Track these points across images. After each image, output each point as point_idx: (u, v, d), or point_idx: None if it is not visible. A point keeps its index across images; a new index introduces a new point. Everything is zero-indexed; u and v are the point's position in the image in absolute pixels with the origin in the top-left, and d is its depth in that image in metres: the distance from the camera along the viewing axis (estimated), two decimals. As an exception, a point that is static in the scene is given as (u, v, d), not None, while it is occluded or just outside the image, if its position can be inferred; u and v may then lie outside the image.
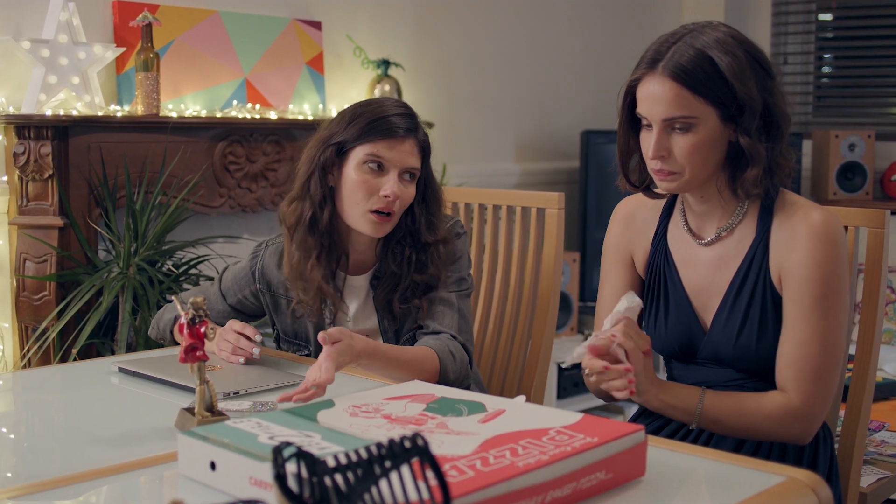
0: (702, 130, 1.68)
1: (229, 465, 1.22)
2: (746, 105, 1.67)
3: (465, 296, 2.06)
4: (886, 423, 2.59)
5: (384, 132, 1.95)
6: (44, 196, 2.94)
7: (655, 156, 1.71)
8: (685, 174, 1.71)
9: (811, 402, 1.69)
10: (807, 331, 1.69)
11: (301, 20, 3.68)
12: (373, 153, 1.95)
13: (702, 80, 1.66)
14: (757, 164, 1.70)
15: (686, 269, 1.84)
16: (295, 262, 2.02)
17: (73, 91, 2.99)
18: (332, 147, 1.98)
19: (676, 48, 1.68)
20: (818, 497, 1.27)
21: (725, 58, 1.66)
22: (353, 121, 1.99)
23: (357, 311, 2.08)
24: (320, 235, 2.00)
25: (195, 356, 1.51)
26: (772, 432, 1.72)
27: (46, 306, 2.88)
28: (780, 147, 1.72)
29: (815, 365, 1.69)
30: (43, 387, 1.97)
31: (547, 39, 4.72)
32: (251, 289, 2.15)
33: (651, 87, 1.70)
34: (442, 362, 1.91)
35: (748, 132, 1.68)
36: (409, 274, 2.00)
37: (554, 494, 1.16)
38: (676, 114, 1.68)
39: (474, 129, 4.43)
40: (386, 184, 1.95)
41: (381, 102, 2.03)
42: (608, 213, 2.02)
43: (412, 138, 1.99)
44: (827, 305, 1.68)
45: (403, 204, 1.99)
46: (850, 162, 4.72)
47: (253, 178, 3.39)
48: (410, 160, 1.98)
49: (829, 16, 5.25)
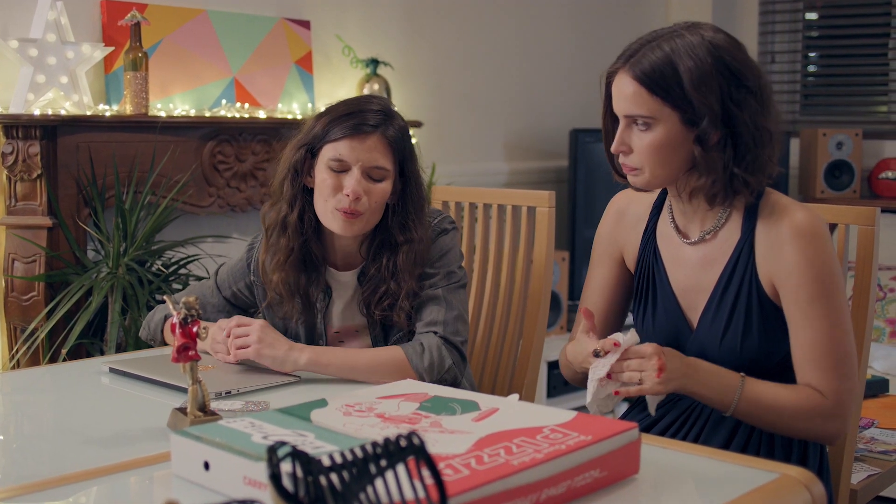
0: (660, 131, 1.70)
1: (223, 464, 1.22)
2: (702, 114, 1.67)
3: (456, 288, 2.03)
4: (876, 420, 2.60)
5: (346, 130, 1.94)
6: (32, 196, 2.93)
7: (616, 150, 1.76)
8: (645, 171, 1.74)
9: (839, 398, 1.69)
10: (815, 331, 1.69)
11: (290, 19, 3.68)
12: (335, 154, 1.94)
13: (660, 83, 1.68)
14: (706, 174, 1.70)
15: (673, 268, 1.84)
16: (270, 261, 2.04)
17: (62, 90, 2.98)
18: (303, 148, 1.99)
19: (648, 48, 1.71)
20: (811, 494, 1.27)
21: (688, 63, 1.67)
22: (320, 119, 1.99)
23: (345, 307, 2.08)
24: (289, 238, 2.00)
25: (187, 356, 1.50)
26: (804, 429, 1.70)
27: (35, 307, 2.87)
28: (747, 162, 1.70)
29: (834, 360, 1.69)
30: (32, 388, 1.96)
31: (536, 39, 4.72)
32: (245, 281, 2.15)
33: (618, 83, 1.74)
34: (407, 354, 1.91)
35: (701, 141, 1.69)
36: (388, 280, 1.99)
37: (549, 492, 1.16)
38: (635, 112, 1.71)
39: (463, 129, 4.43)
40: (348, 182, 1.93)
41: (353, 101, 2.01)
42: (597, 212, 2.02)
43: (376, 135, 1.94)
44: (826, 301, 1.69)
45: (372, 204, 1.95)
46: (837, 160, 4.74)
47: (242, 178, 3.38)
48: (374, 158, 1.94)
49: (815, 15, 5.27)
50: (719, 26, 1.77)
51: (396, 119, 2.00)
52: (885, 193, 4.74)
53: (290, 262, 2.01)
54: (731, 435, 1.77)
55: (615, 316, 1.96)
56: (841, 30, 5.21)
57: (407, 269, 1.98)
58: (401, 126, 2.00)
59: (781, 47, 5.31)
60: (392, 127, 1.97)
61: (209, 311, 2.16)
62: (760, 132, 1.70)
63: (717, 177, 1.70)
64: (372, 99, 2.03)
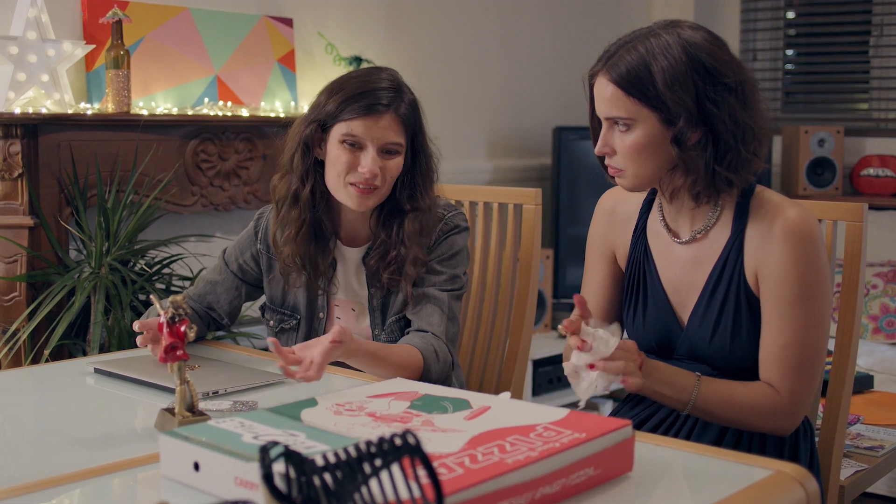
0: (640, 131, 1.70)
1: (214, 465, 1.20)
2: (677, 114, 1.67)
3: (457, 297, 2.05)
4: (862, 416, 2.60)
5: (360, 110, 1.94)
6: (13, 195, 2.90)
7: (599, 152, 1.76)
8: (628, 172, 1.74)
9: (795, 398, 1.71)
10: (787, 330, 1.70)
11: (272, 17, 3.66)
12: (349, 131, 1.95)
13: (635, 84, 1.68)
14: (687, 173, 1.71)
15: (664, 266, 1.84)
16: (282, 234, 2.05)
17: (43, 89, 2.95)
18: (315, 124, 1.99)
19: (625, 50, 1.70)
20: (805, 490, 1.27)
21: (662, 63, 1.66)
22: (333, 96, 1.99)
23: (347, 282, 2.09)
24: (301, 210, 2.02)
25: (175, 356, 1.49)
26: (759, 425, 1.73)
27: (17, 307, 2.84)
28: (729, 160, 1.69)
29: (798, 362, 1.70)
30: (15, 389, 1.93)
31: (518, 36, 4.72)
32: (251, 251, 2.15)
33: (598, 86, 1.74)
34: (426, 361, 1.91)
35: (678, 141, 1.69)
36: (397, 244, 2.01)
37: (544, 491, 1.15)
38: (615, 114, 1.71)
39: (446, 127, 4.41)
40: (364, 160, 1.94)
41: (364, 77, 2.00)
42: (581, 210, 2.02)
43: (390, 114, 1.96)
44: (806, 304, 1.69)
45: (387, 178, 1.98)
46: (819, 157, 4.76)
47: (225, 177, 3.36)
48: (388, 136, 1.96)
49: (792, 13, 5.28)
50: (701, 24, 1.76)
51: (407, 94, 2.02)
52: (867, 190, 4.76)
53: (301, 235, 2.02)
54: (722, 431, 1.77)
55: (615, 314, 1.95)
56: (822, 27, 5.22)
57: (413, 237, 2.00)
58: (411, 100, 2.02)
59: (763, 45, 5.32)
60: (404, 103, 1.99)
61: (219, 291, 2.16)
62: (742, 129, 1.69)
63: (698, 176, 1.70)
64: (382, 74, 2.02)
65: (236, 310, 2.18)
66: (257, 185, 3.42)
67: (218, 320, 2.17)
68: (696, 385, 1.71)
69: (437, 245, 2.04)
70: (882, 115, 5.05)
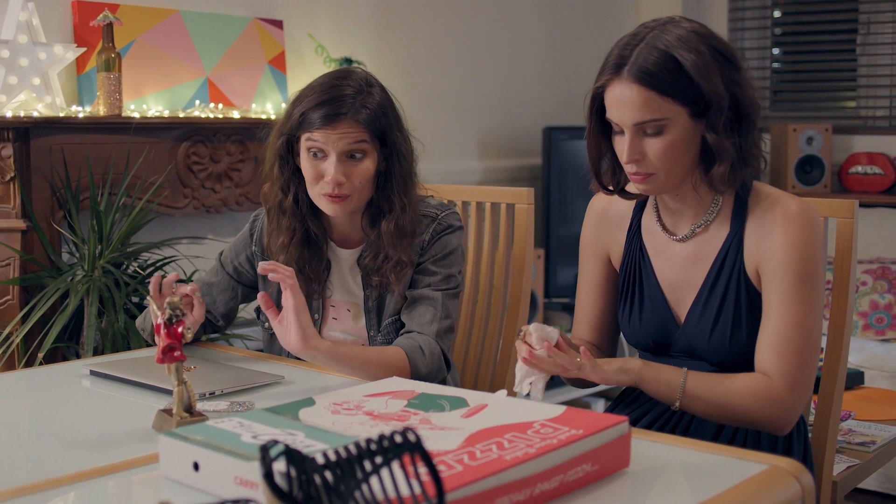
0: (673, 131, 1.68)
1: (214, 465, 1.21)
2: (713, 101, 1.67)
3: (452, 296, 2.04)
4: (853, 412, 2.62)
5: (318, 120, 1.93)
6: (6, 199, 2.90)
7: (630, 160, 1.71)
8: (661, 175, 1.71)
9: (792, 385, 1.68)
10: (787, 315, 1.69)
11: (262, 19, 3.66)
12: (311, 142, 1.95)
13: (668, 80, 1.65)
14: (725, 160, 1.70)
15: (660, 264, 1.84)
16: (275, 242, 2.06)
17: (34, 92, 2.95)
18: (284, 136, 2.00)
19: (640, 50, 1.67)
20: (801, 484, 1.28)
21: (689, 56, 1.65)
22: (296, 107, 1.98)
23: (343, 283, 2.10)
24: (290, 219, 2.03)
25: (173, 356, 1.49)
26: (752, 413, 1.69)
27: (10, 311, 2.84)
28: (752, 137, 1.72)
29: (796, 349, 1.69)
30: (9, 392, 1.93)
31: (508, 37, 4.73)
32: (247, 253, 2.16)
33: (619, 92, 1.68)
34: (410, 358, 1.91)
35: (715, 129, 1.68)
36: (385, 247, 2.01)
37: (542, 487, 1.16)
38: (647, 117, 1.67)
39: (436, 127, 4.43)
40: (328, 169, 1.94)
41: (327, 84, 1.97)
42: (572, 210, 2.03)
43: (347, 120, 1.93)
44: (805, 290, 1.69)
45: (356, 184, 1.96)
46: (808, 155, 4.78)
47: (217, 179, 3.37)
48: (347, 142, 1.93)
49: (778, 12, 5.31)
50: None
51: (372, 95, 1.98)
52: (856, 188, 4.78)
53: (294, 243, 2.03)
54: (719, 428, 1.78)
55: (610, 315, 1.96)
56: (809, 26, 5.25)
57: (390, 239, 1.99)
58: (376, 102, 1.98)
59: (751, 43, 5.34)
60: (365, 107, 1.95)
61: (215, 292, 2.17)
62: (755, 108, 1.72)
63: (734, 159, 1.70)
64: (346, 78, 1.99)
65: (232, 311, 2.18)
66: (249, 187, 3.42)
67: (213, 322, 2.17)
68: (684, 374, 1.71)
69: (430, 245, 2.04)
70: (870, 113, 5.07)
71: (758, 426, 1.73)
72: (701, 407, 1.72)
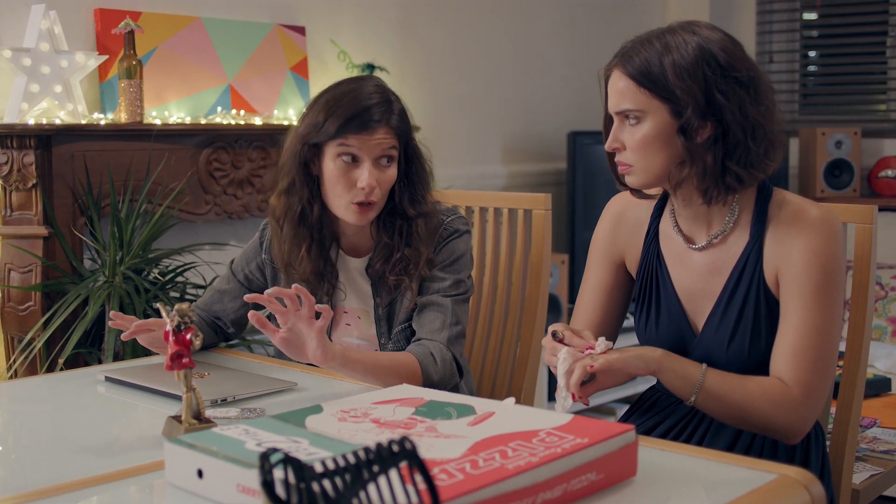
0: (649, 124, 1.69)
1: (216, 472, 1.21)
2: (687, 103, 1.66)
3: (462, 301, 2.03)
4: (878, 420, 2.59)
5: (353, 128, 1.94)
6: (28, 206, 2.92)
7: (609, 147, 1.76)
8: (636, 167, 1.73)
9: (808, 393, 1.66)
10: (807, 321, 1.66)
11: (284, 25, 3.67)
12: (346, 148, 1.95)
13: (647, 75, 1.69)
14: (693, 163, 1.69)
15: (678, 272, 1.82)
16: (286, 253, 2.05)
17: (56, 99, 2.97)
18: (308, 143, 1.99)
19: (641, 45, 1.72)
20: (811, 494, 1.26)
21: (674, 55, 1.67)
22: (321, 114, 1.98)
23: (353, 291, 2.10)
24: (310, 228, 2.03)
25: (181, 363, 1.49)
26: (766, 417, 1.66)
27: (32, 316, 2.86)
28: (738, 154, 1.68)
29: (814, 357, 1.66)
30: (30, 397, 1.95)
31: (532, 41, 4.72)
32: (257, 261, 2.16)
33: (611, 80, 1.75)
34: (422, 364, 1.90)
35: (684, 130, 1.68)
36: (401, 246, 2.01)
37: (545, 496, 1.15)
38: (625, 106, 1.71)
39: (460, 132, 4.43)
40: (361, 175, 1.95)
41: (352, 95, 1.98)
42: (596, 214, 2.01)
43: (383, 127, 1.96)
44: (826, 296, 1.67)
45: (384, 188, 1.99)
46: (837, 159, 4.73)
47: (238, 185, 3.38)
48: (383, 148, 1.97)
49: (813, 14, 5.26)
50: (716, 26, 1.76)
51: (395, 103, 2.02)
52: (885, 192, 4.73)
53: (313, 253, 2.04)
54: (734, 439, 1.75)
55: (611, 319, 1.94)
56: (839, 28, 5.20)
57: (424, 239, 2.01)
58: (400, 109, 2.02)
59: (779, 47, 5.30)
60: (394, 114, 1.99)
61: (225, 301, 2.17)
62: (751, 124, 1.68)
63: (704, 168, 1.68)
64: (369, 88, 2.00)
65: (243, 319, 2.18)
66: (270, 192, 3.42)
67: (224, 329, 2.18)
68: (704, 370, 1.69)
69: (438, 251, 2.03)
70: (900, 116, 5.02)
71: (769, 431, 1.70)
72: (715, 406, 1.69)
